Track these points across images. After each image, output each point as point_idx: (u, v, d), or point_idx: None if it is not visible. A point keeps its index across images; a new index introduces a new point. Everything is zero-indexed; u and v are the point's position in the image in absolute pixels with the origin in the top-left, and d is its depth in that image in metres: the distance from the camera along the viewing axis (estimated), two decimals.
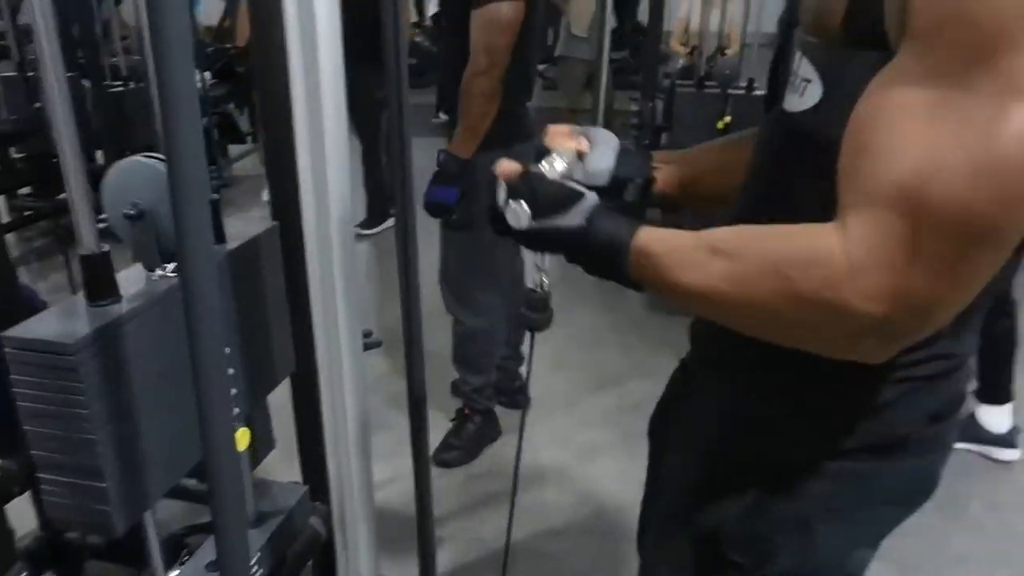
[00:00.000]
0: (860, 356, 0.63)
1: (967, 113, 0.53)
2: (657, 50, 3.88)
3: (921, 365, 0.73)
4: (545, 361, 2.81)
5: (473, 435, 2.40)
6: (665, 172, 0.96)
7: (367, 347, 1.34)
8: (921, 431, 0.77)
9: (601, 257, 0.73)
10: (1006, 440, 2.38)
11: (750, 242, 0.65)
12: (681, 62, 4.75)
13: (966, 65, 0.54)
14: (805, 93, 0.71)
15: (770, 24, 3.94)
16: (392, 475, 2.00)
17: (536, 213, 0.75)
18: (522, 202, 0.75)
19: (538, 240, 0.76)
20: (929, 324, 0.60)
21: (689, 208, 1.01)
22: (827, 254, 0.58)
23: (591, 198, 0.75)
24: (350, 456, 1.20)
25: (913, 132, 0.55)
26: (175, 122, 0.54)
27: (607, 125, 4.23)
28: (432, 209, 2.03)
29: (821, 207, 0.67)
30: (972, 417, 2.38)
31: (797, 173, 0.73)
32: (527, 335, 0.91)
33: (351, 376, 1.17)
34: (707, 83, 3.65)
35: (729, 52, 4.63)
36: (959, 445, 2.33)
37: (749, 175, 0.84)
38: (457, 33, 1.97)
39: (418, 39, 7.66)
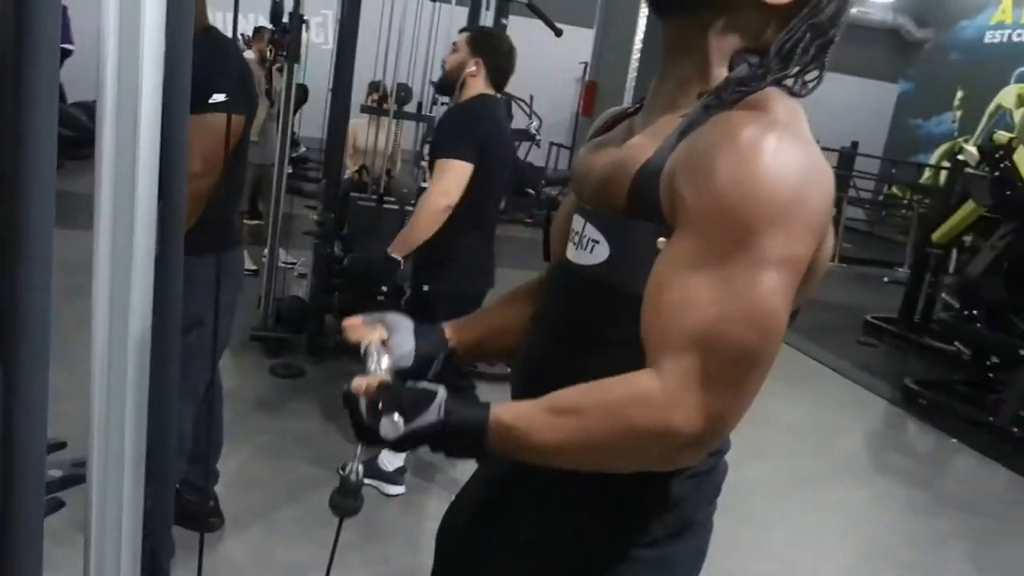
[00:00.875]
0: (679, 464, 0.81)
1: (732, 280, 0.74)
2: (340, 162, 4.03)
3: (704, 461, 0.93)
4: (232, 475, 2.67)
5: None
6: (459, 339, 1.11)
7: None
8: (703, 514, 0.97)
9: (463, 442, 0.82)
10: (393, 478, 2.82)
11: (586, 397, 0.79)
12: (347, 175, 4.98)
13: (727, 245, 0.75)
14: (594, 251, 0.90)
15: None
16: None
17: (406, 421, 0.80)
18: (395, 415, 0.80)
19: (406, 443, 0.82)
20: (727, 431, 0.79)
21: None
22: (651, 392, 0.75)
23: (441, 392, 0.83)
24: None
25: (696, 295, 0.75)
26: None
27: (284, 230, 4.24)
28: None
29: (609, 337, 0.88)
30: (374, 458, 2.81)
31: (592, 314, 0.92)
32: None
33: None
34: (386, 198, 3.89)
35: (395, 171, 5.00)
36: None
37: (543, 316, 1.01)
38: None
39: None
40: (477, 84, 2.59)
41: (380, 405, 0.81)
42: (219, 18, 2.33)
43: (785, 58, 0.85)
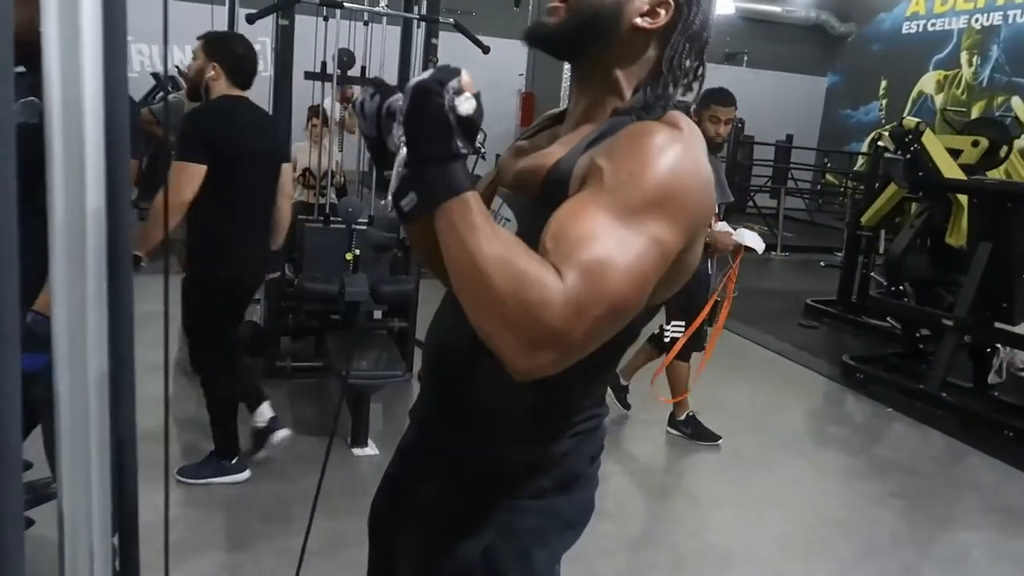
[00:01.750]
0: (533, 361, 0.85)
1: (632, 240, 0.87)
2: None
3: (584, 422, 1.08)
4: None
5: None
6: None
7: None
8: (587, 470, 1.12)
9: (439, 169, 0.86)
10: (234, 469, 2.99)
11: (519, 248, 0.86)
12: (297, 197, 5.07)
13: (632, 207, 0.87)
14: (505, 227, 1.02)
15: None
16: None
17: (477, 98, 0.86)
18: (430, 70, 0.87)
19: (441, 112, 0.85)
20: (578, 352, 0.87)
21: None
22: (552, 281, 0.84)
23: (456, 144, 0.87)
24: None
25: (602, 236, 0.86)
26: None
27: None
28: None
29: None
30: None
31: None
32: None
33: None
34: (333, 219, 4.00)
35: (337, 181, 5.10)
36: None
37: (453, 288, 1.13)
38: None
39: None
40: (219, 86, 2.80)
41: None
42: (154, 52, 2.42)
43: (675, 72, 1.01)
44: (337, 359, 3.43)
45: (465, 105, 0.85)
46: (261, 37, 9.90)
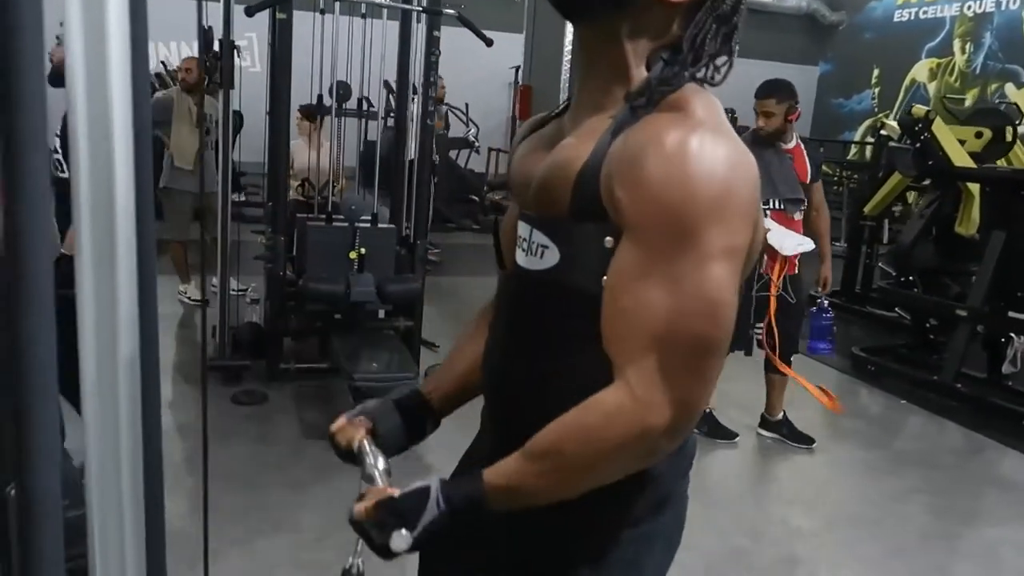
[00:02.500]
0: (660, 457, 0.86)
1: (680, 279, 0.79)
2: (285, 184, 4.02)
3: None
4: None
5: None
6: (440, 396, 1.14)
7: None
8: (680, 486, 1.03)
9: (468, 520, 0.87)
10: None
11: (562, 432, 0.84)
12: (291, 196, 4.95)
13: (670, 245, 0.79)
14: (544, 256, 0.93)
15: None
16: None
17: (411, 529, 0.85)
18: (401, 530, 0.85)
19: (419, 545, 0.86)
20: (697, 416, 0.84)
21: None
22: (621, 404, 0.80)
23: (434, 484, 0.88)
24: None
25: (648, 299, 0.79)
26: None
27: (233, 257, 4.20)
28: None
29: (569, 336, 0.92)
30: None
31: (550, 316, 0.95)
32: None
33: None
34: (336, 217, 3.89)
35: (339, 187, 4.99)
36: None
37: (501, 324, 1.05)
38: None
39: None
40: None
41: (384, 525, 0.86)
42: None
43: (696, 52, 0.90)
44: (345, 362, 3.32)
45: (405, 542, 0.86)
46: (248, 32, 9.81)
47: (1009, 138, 5.23)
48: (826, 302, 4.01)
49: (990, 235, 4.34)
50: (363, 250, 3.62)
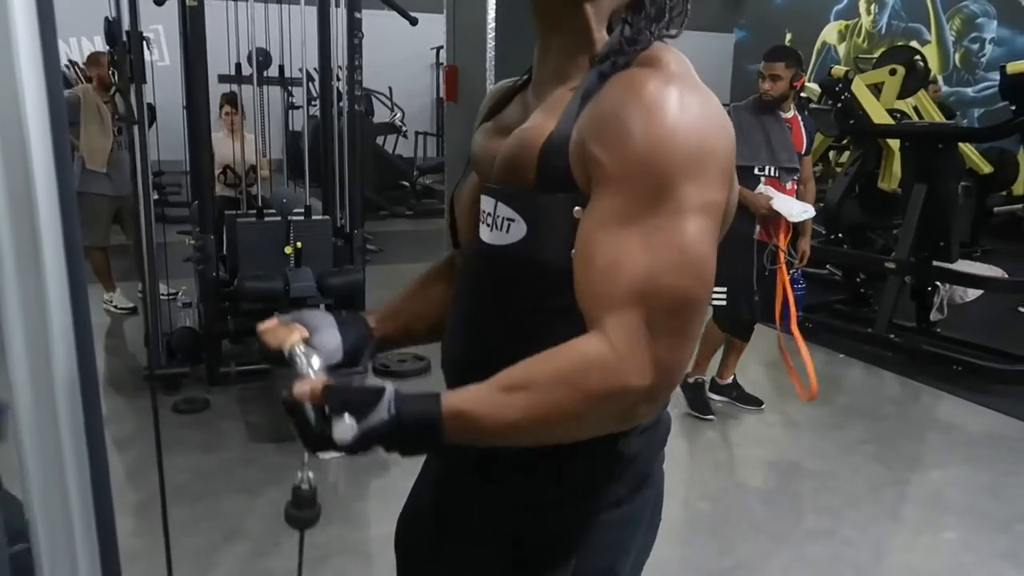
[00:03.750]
0: (636, 421, 0.81)
1: (660, 231, 0.75)
2: (210, 181, 3.85)
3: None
4: None
5: None
6: (383, 329, 1.08)
7: None
8: (657, 464, 1.00)
9: (418, 438, 0.78)
10: None
11: (536, 369, 0.77)
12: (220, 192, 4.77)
13: (650, 198, 0.76)
14: (510, 230, 0.88)
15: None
16: None
17: (359, 420, 0.76)
18: (345, 416, 0.76)
19: (359, 445, 0.77)
20: (678, 378, 0.80)
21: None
22: (601, 355, 0.74)
23: (389, 388, 0.79)
24: None
25: (627, 251, 0.76)
26: None
27: (158, 262, 4.02)
28: None
29: (538, 312, 0.89)
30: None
31: (517, 291, 0.90)
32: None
33: None
34: (267, 212, 3.75)
35: (263, 175, 4.82)
36: None
37: (464, 301, 1.00)
38: None
39: None
40: None
41: (328, 409, 0.77)
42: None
43: (659, 7, 0.88)
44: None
45: (349, 431, 0.77)
46: (153, 25, 9.39)
47: (920, 67, 5.43)
48: (799, 273, 3.98)
49: (912, 189, 4.48)
50: (299, 244, 3.50)
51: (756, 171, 3.32)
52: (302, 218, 3.76)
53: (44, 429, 0.84)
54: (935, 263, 4.39)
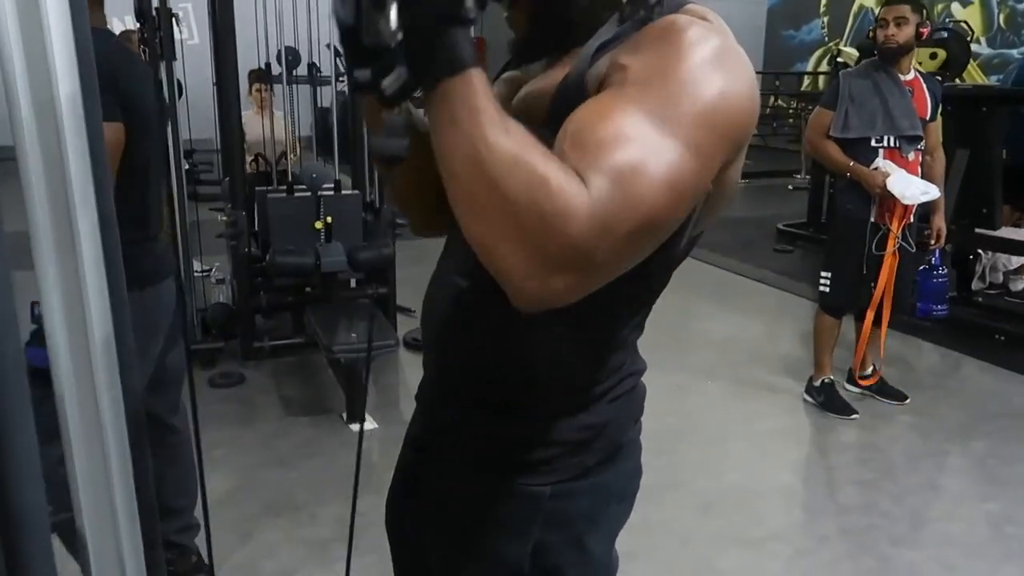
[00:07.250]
0: (544, 288, 0.70)
1: (669, 144, 0.71)
2: (241, 157, 3.88)
3: (622, 383, 0.94)
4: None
5: None
6: None
7: None
8: (630, 436, 0.98)
9: (431, 52, 0.67)
10: None
11: (531, 143, 0.69)
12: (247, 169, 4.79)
13: (670, 108, 0.72)
14: None
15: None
16: None
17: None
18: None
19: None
20: (599, 276, 0.72)
21: None
22: (575, 187, 0.67)
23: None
24: None
25: (632, 137, 0.71)
26: None
27: (192, 239, 4.07)
28: None
29: None
30: None
31: None
32: None
33: None
34: (297, 187, 3.77)
35: (293, 157, 4.85)
36: None
37: (451, 266, 0.96)
38: None
39: None
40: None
41: None
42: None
43: None
44: (322, 334, 3.24)
45: None
46: (183, 3, 9.46)
47: (963, 57, 5.25)
48: (939, 259, 3.62)
49: (954, 153, 4.35)
50: (329, 219, 3.52)
51: (873, 142, 3.04)
52: (332, 193, 3.77)
53: (84, 400, 0.85)
54: (977, 230, 4.27)
